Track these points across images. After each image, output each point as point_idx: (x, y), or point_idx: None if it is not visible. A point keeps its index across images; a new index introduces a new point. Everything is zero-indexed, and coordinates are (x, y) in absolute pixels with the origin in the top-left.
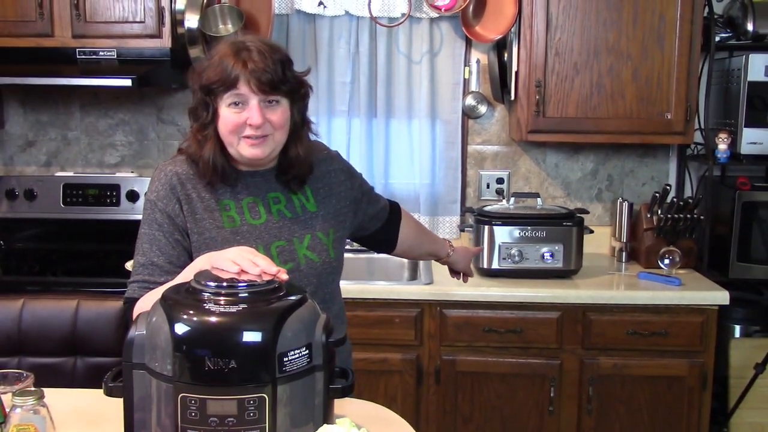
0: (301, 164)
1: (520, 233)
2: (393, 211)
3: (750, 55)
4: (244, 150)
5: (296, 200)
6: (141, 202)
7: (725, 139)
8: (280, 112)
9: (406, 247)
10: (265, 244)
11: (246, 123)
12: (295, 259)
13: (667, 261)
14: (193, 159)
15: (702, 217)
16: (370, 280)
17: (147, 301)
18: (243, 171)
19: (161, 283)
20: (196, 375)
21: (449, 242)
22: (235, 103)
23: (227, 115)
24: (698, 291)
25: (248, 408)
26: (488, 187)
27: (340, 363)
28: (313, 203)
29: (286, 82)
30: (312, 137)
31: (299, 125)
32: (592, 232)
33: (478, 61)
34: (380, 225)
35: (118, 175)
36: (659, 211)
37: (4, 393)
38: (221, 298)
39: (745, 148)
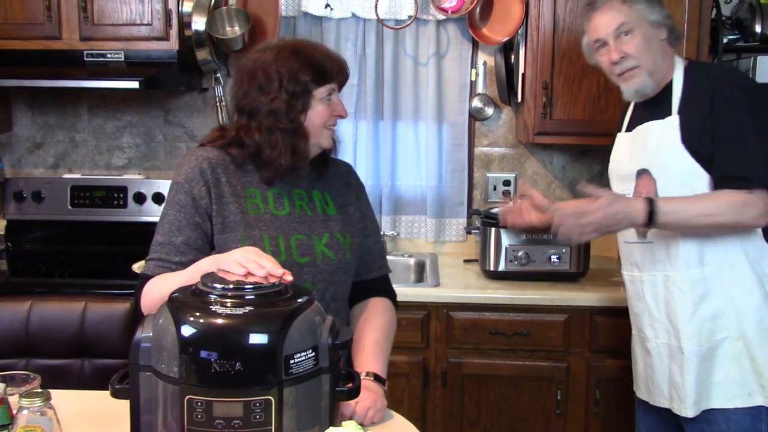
0: (329, 155)
1: (526, 235)
2: (375, 287)
3: (758, 57)
4: (324, 140)
5: (318, 201)
6: (148, 204)
7: None
8: None
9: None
10: (285, 235)
11: (333, 114)
12: (313, 253)
13: None
14: (270, 154)
15: None
16: None
17: (156, 283)
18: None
19: (175, 263)
20: (203, 377)
21: (371, 379)
22: (328, 97)
23: (322, 107)
24: None
25: (254, 410)
26: (495, 189)
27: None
28: (332, 207)
29: None
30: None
31: None
32: None
33: (484, 63)
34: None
35: (125, 177)
36: None
37: (12, 395)
38: (227, 300)
39: None
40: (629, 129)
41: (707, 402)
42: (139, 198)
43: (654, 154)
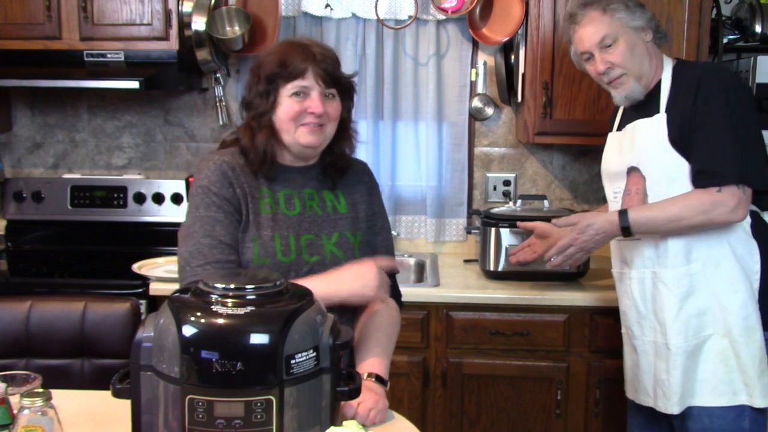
0: (346, 159)
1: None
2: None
3: (758, 57)
4: (301, 137)
5: (328, 201)
6: (148, 204)
7: None
8: (335, 106)
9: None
10: (296, 234)
11: (306, 111)
12: (322, 253)
13: None
14: (244, 148)
15: None
16: None
17: None
18: (283, 165)
19: (232, 262)
20: (204, 377)
21: (372, 380)
22: (298, 93)
23: (289, 103)
24: None
25: (255, 410)
26: (495, 189)
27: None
28: (344, 205)
29: (341, 79)
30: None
31: (346, 123)
32: None
33: (484, 63)
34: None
35: (125, 177)
36: None
37: (12, 394)
38: (229, 300)
39: None
40: (620, 128)
41: (692, 399)
42: (139, 198)
43: (642, 152)
